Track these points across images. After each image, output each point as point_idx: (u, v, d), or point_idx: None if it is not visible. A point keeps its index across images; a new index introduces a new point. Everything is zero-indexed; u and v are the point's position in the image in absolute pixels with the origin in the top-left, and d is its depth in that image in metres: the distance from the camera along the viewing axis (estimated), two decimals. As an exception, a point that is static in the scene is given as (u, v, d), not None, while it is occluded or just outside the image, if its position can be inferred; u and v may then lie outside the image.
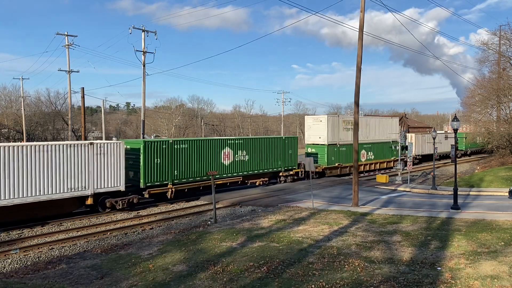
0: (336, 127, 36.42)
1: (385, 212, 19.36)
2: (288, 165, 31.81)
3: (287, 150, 31.52)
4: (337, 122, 36.69)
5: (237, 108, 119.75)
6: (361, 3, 21.23)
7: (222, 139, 27.64)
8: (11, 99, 77.05)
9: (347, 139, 36.78)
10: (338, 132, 36.50)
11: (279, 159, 31.02)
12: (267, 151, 30.12)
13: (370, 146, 39.96)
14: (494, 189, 27.33)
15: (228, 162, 27.48)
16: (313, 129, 36.94)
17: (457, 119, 20.27)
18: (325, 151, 35.46)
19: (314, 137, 36.84)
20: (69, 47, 40.70)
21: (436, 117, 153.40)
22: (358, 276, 9.93)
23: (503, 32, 43.60)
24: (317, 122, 36.56)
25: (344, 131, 37.15)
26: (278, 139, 31.23)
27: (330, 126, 35.73)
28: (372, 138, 40.24)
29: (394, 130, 43.90)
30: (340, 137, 36.80)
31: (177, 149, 24.38)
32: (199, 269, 11.13)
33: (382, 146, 41.78)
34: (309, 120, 38.08)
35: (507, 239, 13.02)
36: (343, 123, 37.32)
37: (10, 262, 14.02)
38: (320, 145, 36.15)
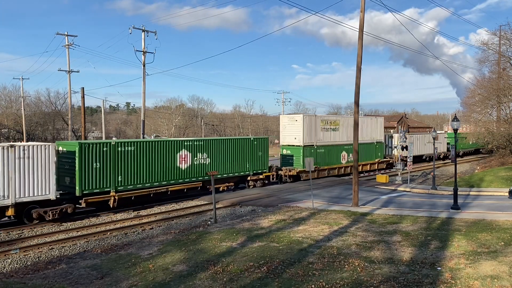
0: (313, 127, 33.96)
1: (385, 212, 19.36)
2: (257, 169, 29.49)
3: (256, 152, 29.27)
4: (314, 122, 34.22)
5: (237, 108, 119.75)
6: (361, 3, 21.23)
7: (178, 140, 25.34)
8: (11, 99, 77.06)
9: (325, 140, 35.01)
10: (315, 133, 34.03)
11: (247, 162, 28.67)
12: (233, 154, 27.89)
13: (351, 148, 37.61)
14: (494, 189, 27.32)
15: (185, 166, 25.00)
16: (288, 129, 34.37)
17: (457, 119, 20.27)
18: (300, 153, 32.85)
19: (290, 137, 34.29)
20: (69, 47, 40.72)
21: (436, 117, 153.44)
22: (358, 276, 9.94)
23: (503, 32, 43.62)
24: (292, 121, 33.90)
25: (322, 131, 34.80)
26: (246, 140, 28.97)
27: (306, 126, 33.25)
28: None
29: (380, 130, 41.65)
30: (318, 138, 34.34)
31: (121, 151, 21.87)
32: (199, 269, 11.13)
33: (366, 147, 39.15)
34: (284, 120, 35.32)
35: (507, 239, 13.02)
36: (321, 123, 34.84)
37: (10, 262, 14.02)
38: (295, 146, 33.49)
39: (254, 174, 29.36)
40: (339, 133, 36.30)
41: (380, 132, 41.84)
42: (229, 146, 27.71)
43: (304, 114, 34.77)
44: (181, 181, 24.89)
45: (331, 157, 35.29)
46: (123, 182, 22.01)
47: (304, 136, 33.12)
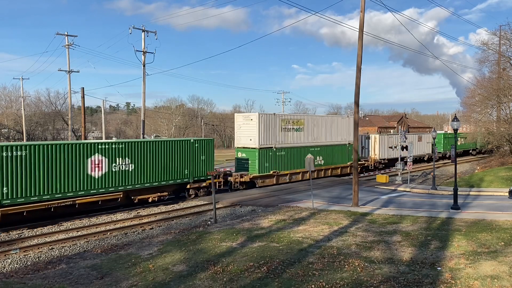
0: (272, 127, 30.47)
1: (385, 212, 19.36)
2: (200, 175, 25.71)
3: (197, 156, 25.48)
4: (273, 121, 30.69)
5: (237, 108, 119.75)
6: (361, 3, 21.23)
7: (89, 143, 21.19)
8: (11, 99, 77.11)
9: (287, 142, 31.68)
10: (274, 133, 30.53)
11: (186, 167, 24.88)
12: (166, 158, 23.95)
13: (319, 150, 34.31)
14: (494, 189, 27.33)
15: (100, 174, 21.09)
16: (243, 130, 30.71)
17: (457, 119, 20.27)
18: (256, 156, 29.40)
19: (245, 139, 30.52)
20: (69, 47, 40.72)
21: (436, 117, 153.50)
22: (358, 276, 9.94)
23: (503, 32, 43.62)
24: (248, 121, 30.28)
25: (284, 132, 31.31)
26: (184, 142, 25.20)
27: (263, 125, 29.86)
28: (323, 140, 34.95)
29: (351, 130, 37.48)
30: (278, 139, 30.85)
31: (7, 157, 17.84)
32: (199, 269, 11.13)
33: (335, 150, 36.14)
34: (239, 119, 31.42)
35: (507, 239, 13.02)
36: (281, 122, 31.26)
37: (10, 262, 14.02)
38: (251, 148, 29.96)
39: (196, 181, 25.66)
40: (304, 134, 33.19)
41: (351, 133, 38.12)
42: (160, 150, 23.77)
43: (261, 113, 30.74)
44: (93, 192, 20.87)
45: (294, 160, 32.13)
46: (10, 195, 17.95)
47: (260, 137, 29.65)
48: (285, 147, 31.45)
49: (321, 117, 35.81)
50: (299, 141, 32.75)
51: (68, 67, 41.63)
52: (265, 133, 30.04)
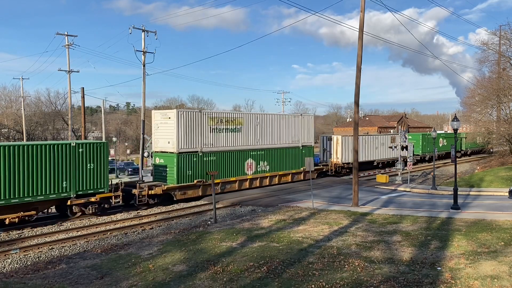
0: (197, 127, 25.35)
1: (385, 212, 19.36)
2: (86, 188, 20.50)
3: (83, 164, 20.28)
4: (198, 120, 25.46)
5: (237, 108, 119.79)
6: (361, 3, 21.23)
7: None
8: (11, 99, 77.10)
9: (219, 144, 26.74)
10: (200, 135, 25.45)
11: (64, 179, 19.63)
12: (33, 167, 18.61)
13: (262, 154, 29.62)
14: (494, 189, 27.32)
15: None
16: (161, 130, 25.52)
17: (457, 119, 20.27)
18: (174, 163, 24.26)
19: (163, 141, 25.26)
20: (69, 47, 40.71)
21: (436, 117, 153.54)
22: (358, 276, 9.94)
23: (503, 32, 43.63)
24: (166, 119, 25.13)
25: (214, 133, 26.31)
26: (60, 146, 19.69)
27: (184, 125, 24.64)
28: (268, 142, 30.14)
29: (309, 132, 33.59)
30: (206, 141, 25.85)
31: None
32: (199, 269, 11.13)
33: (285, 154, 31.47)
34: (157, 117, 26.09)
35: (507, 239, 13.02)
36: (210, 121, 26.18)
37: (10, 262, 14.02)
38: (168, 153, 24.88)
39: (81, 196, 20.42)
40: (243, 135, 28.23)
41: (309, 134, 33.66)
42: (25, 156, 18.40)
43: (181, 109, 25.73)
44: None
45: (228, 167, 27.19)
46: None
47: (180, 139, 24.44)
48: (216, 151, 26.40)
49: (267, 116, 30.93)
50: (236, 144, 27.76)
51: (68, 67, 41.63)
52: (187, 135, 24.73)
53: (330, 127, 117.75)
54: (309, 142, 33.57)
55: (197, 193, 25.38)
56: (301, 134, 32.82)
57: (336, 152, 37.99)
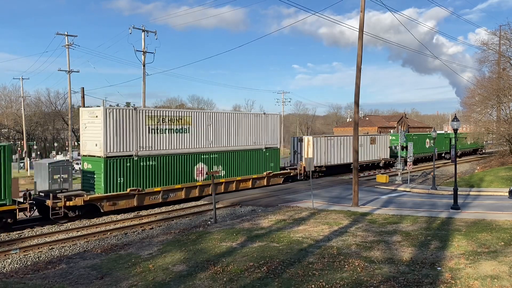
0: (131, 127, 22.08)
1: (385, 212, 19.36)
2: None
3: None
4: (131, 119, 22.12)
5: (237, 108, 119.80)
6: (361, 3, 21.23)
7: None
8: (11, 99, 77.18)
9: (161, 147, 23.49)
10: (134, 136, 22.17)
11: None
12: None
13: (217, 157, 26.65)
14: (494, 189, 27.33)
15: None
16: (89, 131, 22.19)
17: (457, 119, 20.27)
18: (101, 169, 21.04)
19: (91, 143, 21.93)
20: (69, 47, 40.73)
21: (436, 117, 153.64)
22: (358, 276, 9.94)
23: (503, 32, 43.67)
24: (93, 118, 21.83)
25: (154, 134, 23.14)
26: None
27: (114, 125, 21.33)
28: (224, 144, 27.30)
29: (275, 133, 30.61)
30: (143, 143, 22.64)
31: None
32: (199, 269, 11.13)
33: (245, 157, 28.46)
34: (85, 116, 22.68)
35: (507, 239, 13.02)
36: (149, 120, 22.94)
37: (10, 262, 14.02)
38: (96, 157, 21.55)
39: None
40: (191, 136, 25.20)
41: (275, 135, 30.88)
42: None
43: (110, 107, 22.64)
44: None
45: (172, 173, 24.13)
46: None
47: (108, 141, 21.15)
48: (156, 155, 23.20)
49: (222, 115, 27.66)
50: (182, 146, 24.67)
51: (68, 67, 41.65)
52: (118, 136, 21.50)
53: (330, 127, 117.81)
54: (274, 144, 30.66)
55: (131, 204, 21.97)
56: (265, 135, 29.90)
57: (307, 154, 34.91)
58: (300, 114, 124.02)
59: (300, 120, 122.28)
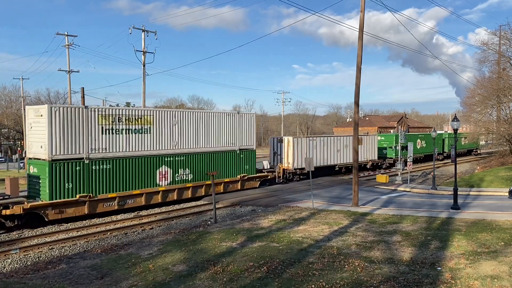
0: (80, 127, 20.15)
1: (385, 212, 19.36)
2: None
3: None
4: (81, 119, 20.18)
5: (237, 108, 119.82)
6: (361, 3, 21.23)
7: None
8: (11, 99, 77.22)
9: (115, 149, 21.45)
10: (85, 137, 20.27)
11: None
12: None
13: (183, 160, 24.57)
14: (494, 189, 27.33)
15: None
16: (34, 131, 20.37)
17: (457, 119, 20.27)
18: (46, 173, 19.20)
19: (37, 145, 20.16)
20: (69, 47, 40.74)
21: (436, 117, 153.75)
22: (358, 276, 9.94)
23: (503, 32, 43.68)
24: (38, 117, 20.01)
25: (107, 134, 21.12)
26: None
27: (59, 125, 19.49)
28: (192, 146, 25.24)
29: (246, 132, 28.55)
30: (96, 145, 20.71)
31: None
32: (199, 269, 11.13)
33: (215, 159, 26.41)
34: (30, 114, 20.73)
35: (507, 239, 13.02)
36: (101, 119, 20.91)
37: (10, 262, 14.02)
38: (41, 160, 19.71)
39: None
40: (153, 137, 23.18)
41: (250, 136, 28.95)
42: None
43: (56, 105, 21.53)
44: None
45: (131, 177, 22.03)
46: None
47: (54, 143, 19.29)
48: (111, 158, 21.24)
49: (190, 114, 25.66)
50: (142, 148, 22.64)
51: (68, 67, 41.65)
52: (65, 137, 19.62)
53: (330, 127, 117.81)
54: (249, 145, 28.68)
55: (81, 211, 20.03)
56: (239, 135, 27.99)
57: (287, 156, 33.02)
58: (300, 114, 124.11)
59: (300, 120, 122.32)
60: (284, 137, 33.86)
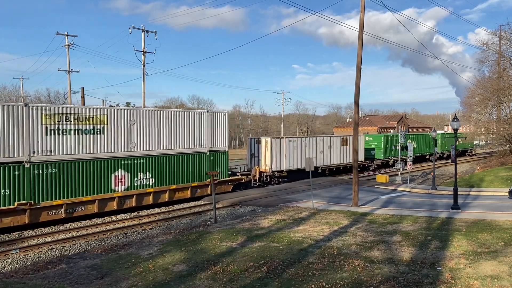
0: (19, 127, 18.51)
1: (385, 212, 19.36)
2: None
3: None
4: (21, 118, 18.54)
5: (237, 108, 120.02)
6: (361, 3, 21.23)
7: None
8: (11, 99, 77.20)
9: (61, 151, 19.75)
10: (26, 138, 18.61)
11: None
12: None
13: (143, 163, 22.77)
14: (494, 189, 27.33)
15: None
16: None
17: (457, 119, 20.27)
18: None
19: None
20: (69, 47, 40.73)
21: (436, 117, 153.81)
22: (358, 276, 9.93)
23: (503, 32, 43.67)
24: None
25: (52, 135, 19.47)
26: None
27: None
28: (153, 147, 23.34)
29: (217, 133, 26.49)
30: (37, 147, 18.99)
31: None
32: (199, 269, 11.13)
33: (180, 162, 24.29)
34: None
35: (507, 239, 13.02)
36: (44, 119, 19.21)
37: (10, 262, 14.03)
38: None
39: None
40: (107, 137, 21.39)
41: (221, 136, 26.74)
42: None
43: None
44: None
45: (81, 182, 20.30)
46: None
47: None
48: (57, 161, 19.53)
49: (151, 112, 23.62)
50: (95, 150, 20.89)
51: (68, 67, 41.65)
52: (1, 138, 18.01)
53: (330, 127, 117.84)
54: (221, 146, 26.68)
55: (21, 221, 18.27)
56: (209, 136, 26.00)
57: (265, 158, 31.12)
58: (300, 114, 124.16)
59: (300, 120, 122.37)
60: (262, 138, 32.05)
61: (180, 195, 24.37)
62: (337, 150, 37.23)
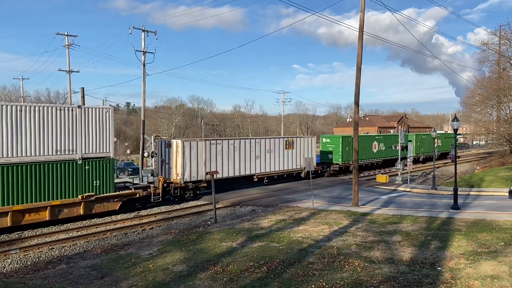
0: None
1: (385, 212, 19.36)
2: None
3: None
4: None
5: (237, 108, 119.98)
6: (361, 3, 21.23)
7: None
8: (11, 99, 77.16)
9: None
10: None
11: None
12: None
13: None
14: (494, 189, 27.32)
15: None
16: None
17: (457, 119, 20.25)
18: None
19: None
20: (69, 47, 40.70)
21: (436, 117, 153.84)
22: (358, 276, 9.93)
23: (503, 32, 43.68)
24: None
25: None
26: None
27: None
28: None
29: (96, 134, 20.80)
30: None
31: None
32: (199, 269, 11.13)
33: (36, 173, 18.50)
34: None
35: (507, 239, 13.02)
36: None
37: (10, 262, 14.03)
38: None
39: None
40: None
41: (105, 138, 21.15)
42: None
43: None
44: None
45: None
46: None
47: None
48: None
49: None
50: None
51: (68, 67, 41.62)
52: None
53: (330, 127, 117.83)
54: (103, 152, 21.00)
55: None
56: (83, 138, 20.27)
57: (176, 166, 25.07)
58: (300, 114, 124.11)
59: (300, 120, 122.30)
60: (173, 141, 25.83)
61: (32, 217, 18.45)
62: (280, 155, 31.37)
